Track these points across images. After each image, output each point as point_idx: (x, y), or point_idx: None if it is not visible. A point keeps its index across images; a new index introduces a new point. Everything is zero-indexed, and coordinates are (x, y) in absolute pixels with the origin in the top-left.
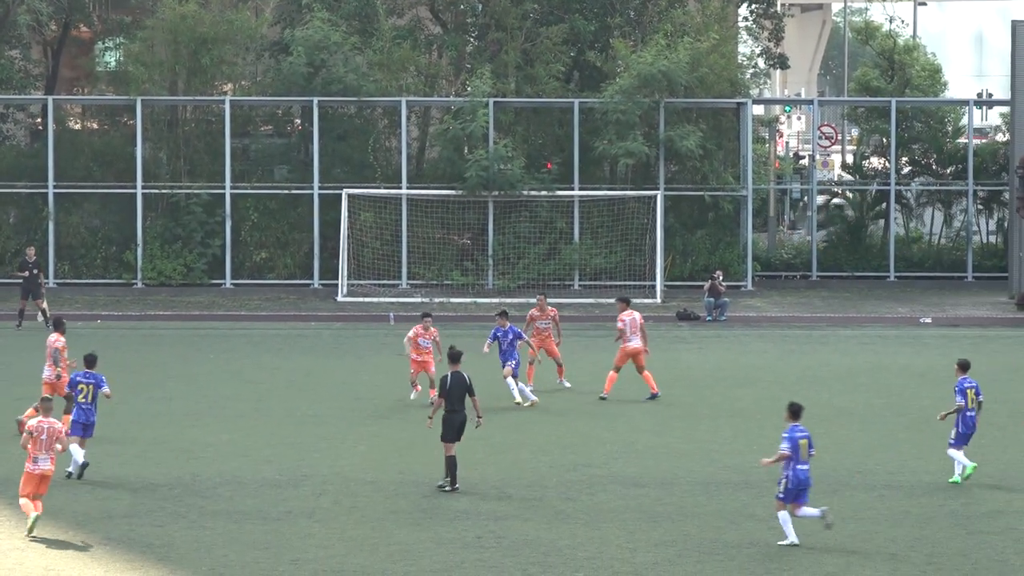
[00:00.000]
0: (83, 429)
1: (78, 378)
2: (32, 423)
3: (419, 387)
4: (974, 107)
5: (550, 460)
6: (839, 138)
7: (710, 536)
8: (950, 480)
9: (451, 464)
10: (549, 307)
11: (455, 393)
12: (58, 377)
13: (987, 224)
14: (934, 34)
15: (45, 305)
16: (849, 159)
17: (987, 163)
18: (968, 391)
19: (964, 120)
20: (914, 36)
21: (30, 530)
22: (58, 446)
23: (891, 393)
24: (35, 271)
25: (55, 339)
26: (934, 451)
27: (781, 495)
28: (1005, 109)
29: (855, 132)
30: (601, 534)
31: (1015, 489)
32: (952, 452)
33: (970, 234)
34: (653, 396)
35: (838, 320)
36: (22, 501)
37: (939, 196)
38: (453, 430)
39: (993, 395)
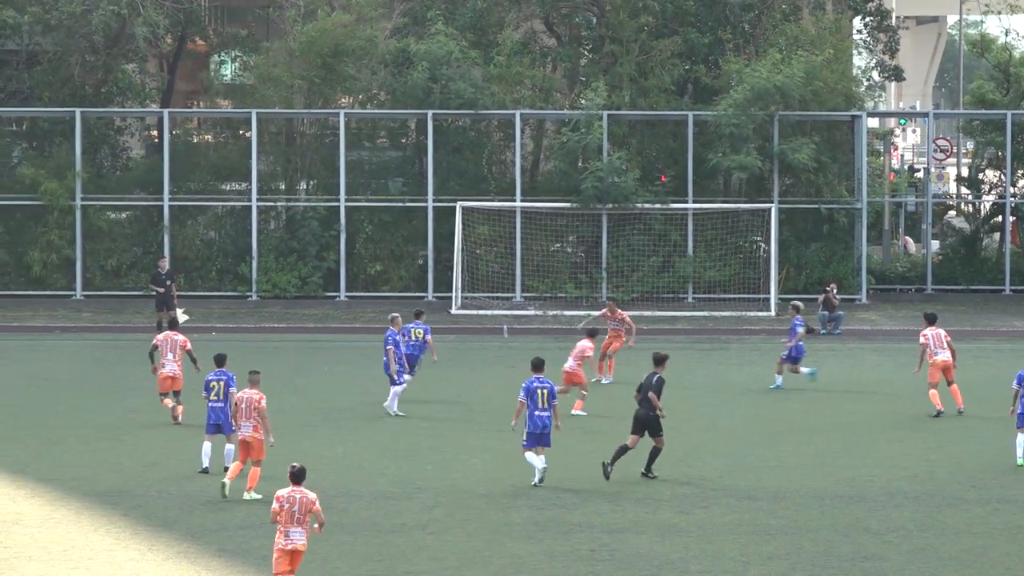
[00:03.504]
0: (216, 428)
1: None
2: (283, 493)
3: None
4: None
5: (663, 473)
6: (954, 151)
7: (823, 550)
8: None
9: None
10: (619, 311)
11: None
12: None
13: None
14: None
15: (175, 315)
16: (964, 172)
17: None
18: None
19: None
20: None
21: None
22: (315, 525)
23: (1007, 406)
24: (169, 283)
25: (183, 339)
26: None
27: (525, 441)
28: None
29: (970, 145)
30: (714, 548)
31: None
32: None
33: None
34: (959, 411)
35: (953, 334)
36: None
37: None
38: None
39: None
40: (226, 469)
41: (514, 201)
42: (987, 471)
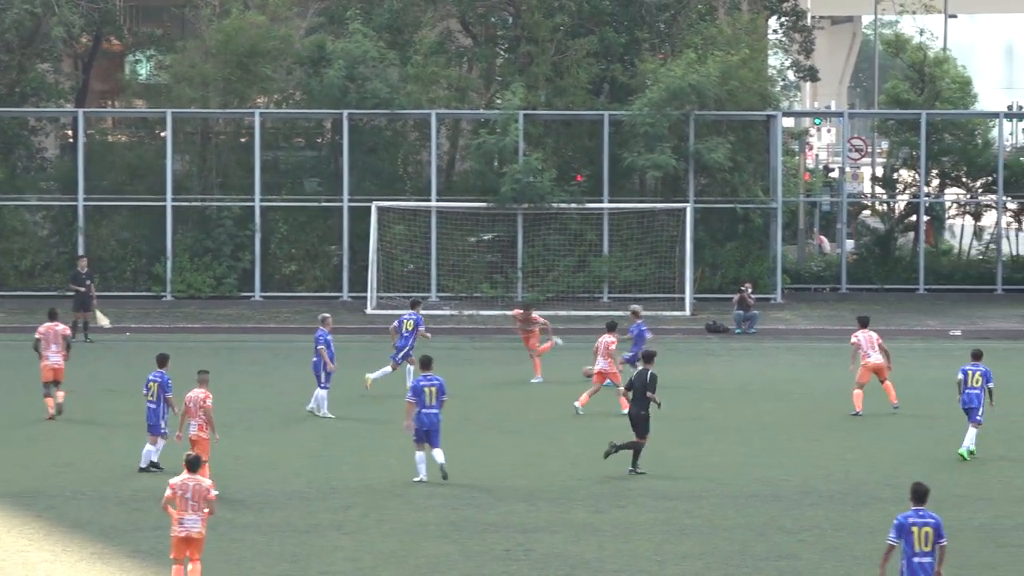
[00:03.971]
0: (150, 428)
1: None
2: (176, 480)
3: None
4: (1004, 119)
5: (580, 472)
6: (869, 151)
7: (738, 549)
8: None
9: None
10: (533, 315)
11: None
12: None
13: (1017, 236)
14: (964, 46)
15: (91, 319)
16: (879, 172)
17: (1017, 176)
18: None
19: (994, 132)
20: (944, 48)
21: None
22: (205, 510)
23: (920, 405)
24: (88, 283)
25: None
26: (963, 464)
27: (415, 438)
28: None
29: (885, 145)
30: (630, 547)
31: None
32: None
33: (1000, 247)
34: (895, 407)
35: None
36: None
37: (969, 209)
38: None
39: (1021, 409)
40: (141, 469)
41: (430, 201)
42: (902, 470)
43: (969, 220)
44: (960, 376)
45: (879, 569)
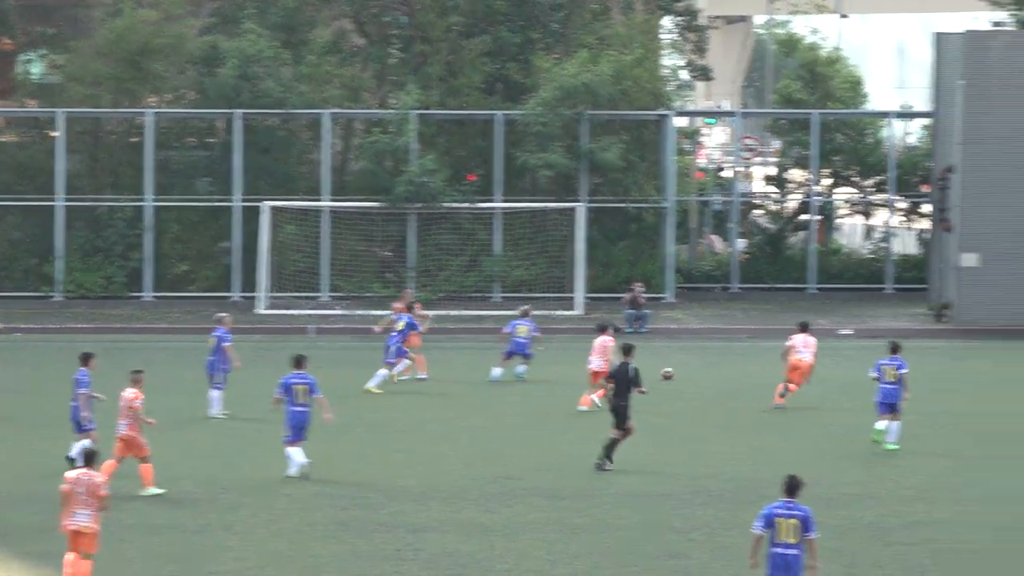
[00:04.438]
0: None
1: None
2: (71, 475)
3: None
4: (896, 119)
5: (471, 472)
6: (761, 150)
7: (628, 548)
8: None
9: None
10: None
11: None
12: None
13: (907, 236)
14: (856, 46)
15: None
16: (771, 171)
17: (908, 175)
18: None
19: (885, 132)
20: (836, 48)
21: None
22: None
23: (811, 404)
24: None
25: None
26: (854, 462)
27: (286, 436)
28: (927, 121)
29: (777, 144)
30: (520, 546)
31: (934, 500)
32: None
33: (890, 246)
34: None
35: (758, 332)
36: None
37: (860, 208)
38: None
39: (913, 406)
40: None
41: (322, 201)
42: (792, 468)
43: (860, 219)
44: (875, 373)
45: (749, 559)
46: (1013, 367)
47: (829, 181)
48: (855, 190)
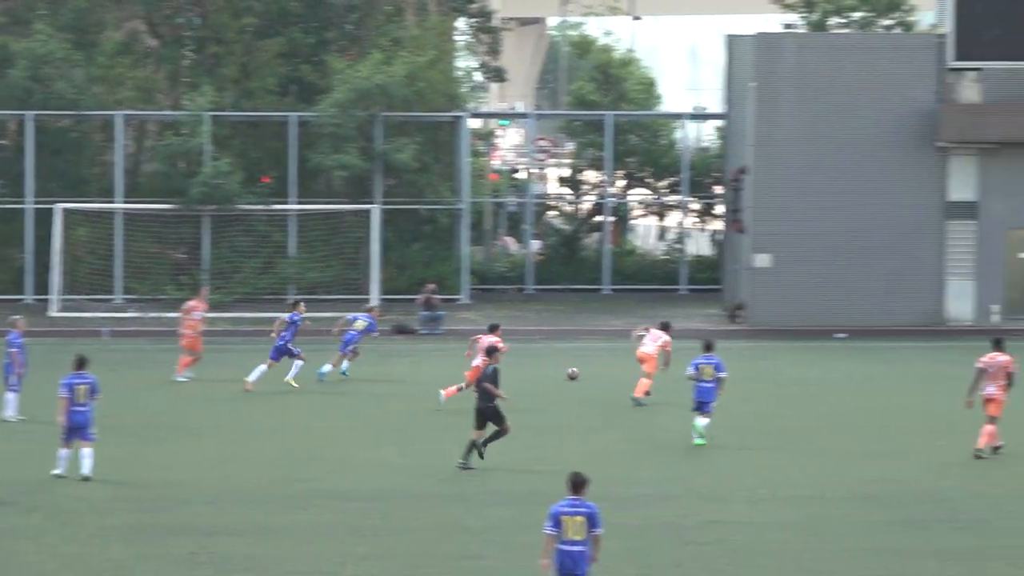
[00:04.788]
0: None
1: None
2: None
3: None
4: (689, 120)
5: (264, 475)
6: (555, 152)
7: (423, 549)
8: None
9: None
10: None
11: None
12: None
13: (701, 237)
14: (649, 48)
15: None
16: (565, 173)
17: (701, 176)
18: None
19: (679, 133)
20: (629, 50)
21: None
22: None
23: (606, 406)
24: None
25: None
26: (649, 462)
27: (63, 435)
28: (720, 122)
29: (571, 146)
30: (313, 549)
31: (728, 499)
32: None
33: (684, 247)
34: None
35: (553, 333)
36: None
37: (654, 209)
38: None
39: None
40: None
41: (115, 203)
42: (584, 468)
43: (654, 220)
44: (692, 370)
45: (542, 560)
46: (805, 367)
47: (623, 182)
48: (649, 191)
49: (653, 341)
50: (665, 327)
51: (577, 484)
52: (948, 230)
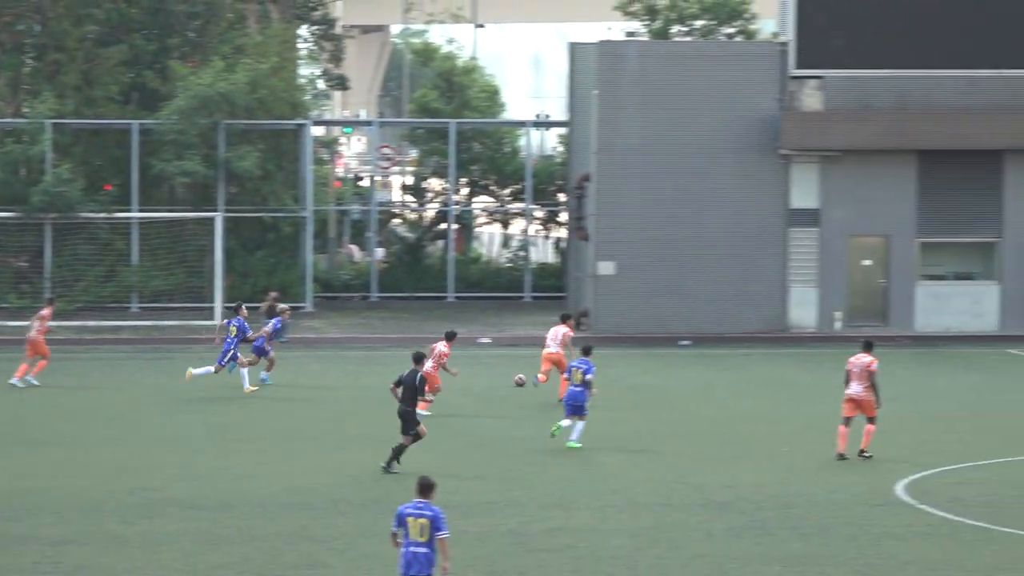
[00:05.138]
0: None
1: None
2: None
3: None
4: (533, 128)
5: (109, 484)
6: (399, 159)
7: (268, 558)
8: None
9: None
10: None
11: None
12: None
13: (545, 244)
14: (493, 55)
15: None
16: (409, 180)
17: (545, 184)
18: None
19: (523, 141)
20: (473, 58)
21: None
22: None
23: (450, 413)
24: None
25: None
26: (493, 470)
27: None
28: (563, 130)
29: (415, 153)
30: (159, 558)
31: (572, 507)
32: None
33: (528, 254)
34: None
35: (398, 341)
36: None
37: (498, 217)
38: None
39: (546, 417)
40: None
41: None
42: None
43: (498, 228)
44: (566, 375)
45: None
46: (650, 374)
47: (467, 190)
48: (493, 199)
49: (554, 340)
50: (565, 319)
51: (424, 487)
52: (791, 237)
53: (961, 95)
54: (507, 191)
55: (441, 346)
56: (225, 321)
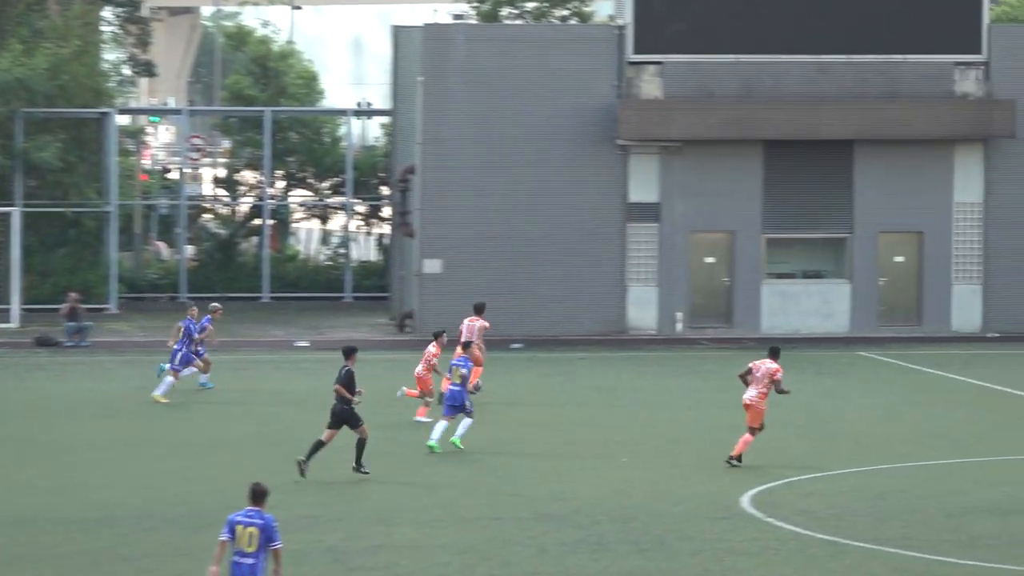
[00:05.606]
0: None
1: None
2: None
3: None
4: (354, 117)
5: None
6: (210, 150)
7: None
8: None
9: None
10: None
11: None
12: None
13: (367, 241)
14: (311, 39)
15: None
16: (221, 173)
17: (367, 176)
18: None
19: (343, 131)
20: (289, 42)
21: None
22: None
23: (265, 421)
24: None
25: None
26: (309, 483)
27: None
28: (386, 119)
29: (227, 144)
30: None
31: (396, 522)
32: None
33: (349, 252)
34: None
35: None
36: None
37: (316, 212)
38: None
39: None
40: None
41: None
42: (245, 490)
43: (317, 224)
44: (448, 373)
45: (211, 567)
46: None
47: (283, 183)
48: (311, 193)
49: (469, 332)
50: (480, 310)
51: (256, 494)
52: (629, 233)
53: (809, 82)
54: (326, 184)
55: (431, 347)
56: (179, 323)
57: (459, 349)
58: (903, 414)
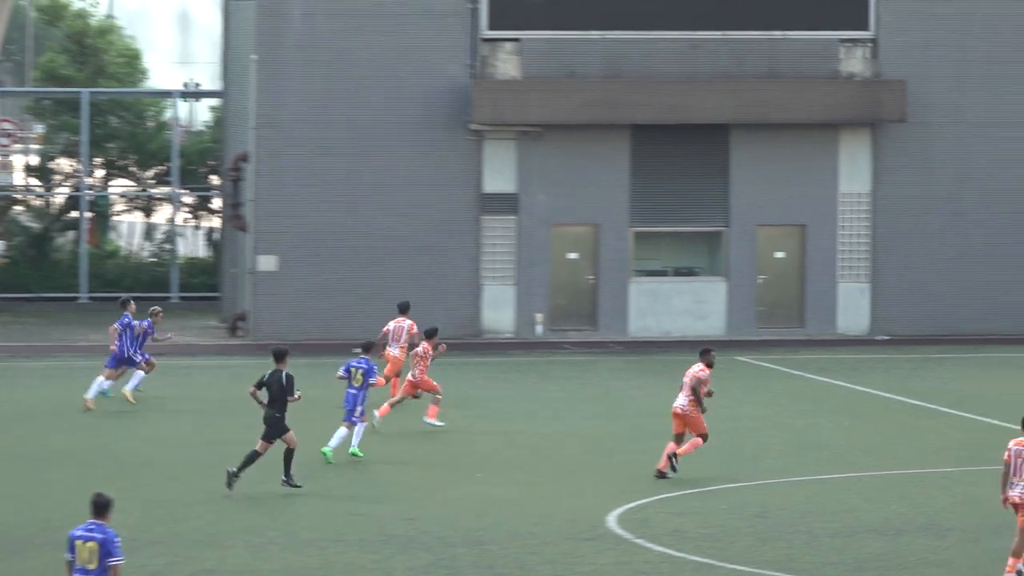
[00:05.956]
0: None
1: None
2: None
3: None
4: (181, 99)
5: None
6: (22, 136)
7: None
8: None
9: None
10: None
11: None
12: None
13: (195, 236)
14: (133, 13)
15: None
16: (34, 161)
17: (195, 165)
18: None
19: (169, 114)
20: (109, 16)
21: None
22: None
23: (81, 429)
24: None
25: None
26: (134, 500)
27: None
28: (216, 102)
29: (40, 129)
30: None
31: (228, 544)
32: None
33: (175, 247)
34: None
35: (21, 350)
36: None
37: (140, 203)
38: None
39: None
40: None
41: None
42: (69, 509)
43: (140, 217)
44: (343, 373)
45: None
46: (317, 387)
47: (103, 172)
48: (133, 183)
49: (396, 340)
50: (404, 309)
51: (98, 506)
52: (484, 227)
53: (681, 61)
54: (150, 173)
55: (420, 347)
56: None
57: (359, 350)
58: (785, 424)
